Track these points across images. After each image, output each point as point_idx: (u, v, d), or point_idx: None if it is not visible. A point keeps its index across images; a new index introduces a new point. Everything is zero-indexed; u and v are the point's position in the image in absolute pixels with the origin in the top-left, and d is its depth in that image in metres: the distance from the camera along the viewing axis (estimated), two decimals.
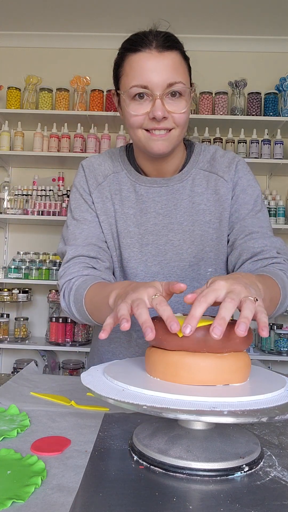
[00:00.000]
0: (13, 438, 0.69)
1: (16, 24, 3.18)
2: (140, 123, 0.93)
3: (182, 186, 1.05)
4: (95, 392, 0.61)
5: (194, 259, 1.03)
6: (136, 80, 0.90)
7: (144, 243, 1.04)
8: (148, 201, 1.05)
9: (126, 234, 1.04)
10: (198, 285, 1.03)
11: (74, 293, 0.95)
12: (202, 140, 3.02)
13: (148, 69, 0.89)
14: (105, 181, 1.07)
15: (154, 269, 1.04)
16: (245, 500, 0.52)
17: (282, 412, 0.55)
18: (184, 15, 2.97)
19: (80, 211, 1.06)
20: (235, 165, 1.05)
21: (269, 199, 2.97)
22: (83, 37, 3.26)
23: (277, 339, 2.88)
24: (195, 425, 0.65)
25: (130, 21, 3.05)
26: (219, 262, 1.05)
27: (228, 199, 1.04)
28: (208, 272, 1.04)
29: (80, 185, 1.09)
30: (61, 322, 2.94)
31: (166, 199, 1.04)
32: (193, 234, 1.03)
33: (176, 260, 1.03)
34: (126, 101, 0.93)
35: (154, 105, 0.90)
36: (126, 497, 0.52)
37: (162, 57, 0.90)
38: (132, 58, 0.92)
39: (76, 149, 3.00)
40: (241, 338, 0.65)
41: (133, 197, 1.05)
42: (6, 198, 3.00)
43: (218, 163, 1.06)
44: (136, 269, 1.04)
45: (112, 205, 1.06)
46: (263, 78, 3.19)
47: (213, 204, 1.04)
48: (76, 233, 1.04)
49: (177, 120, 0.93)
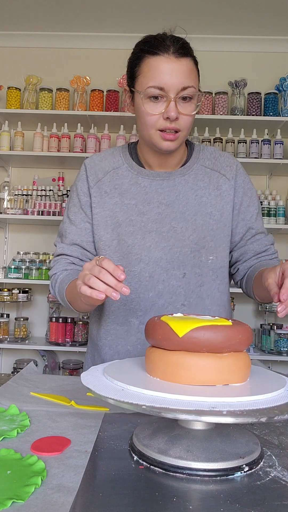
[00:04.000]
0: (13, 438, 0.69)
1: (16, 24, 3.18)
2: (154, 122, 1.00)
3: (184, 180, 1.11)
4: (95, 392, 0.61)
5: (195, 246, 1.08)
6: (153, 81, 0.97)
7: (147, 230, 1.08)
8: (151, 192, 1.10)
9: (128, 223, 1.09)
10: (199, 271, 1.08)
11: (58, 286, 1.09)
12: (202, 140, 3.02)
13: (165, 72, 0.97)
14: (105, 176, 1.13)
15: (157, 255, 1.08)
16: (245, 500, 0.52)
17: (281, 412, 0.55)
18: (185, 15, 2.97)
19: (74, 212, 1.15)
20: (235, 166, 1.15)
21: (269, 199, 2.97)
22: (83, 37, 3.26)
23: (277, 339, 2.88)
24: (195, 425, 0.65)
25: (131, 22, 3.05)
26: (220, 251, 1.10)
27: (230, 195, 1.12)
28: (209, 260, 1.09)
29: (79, 184, 1.16)
30: (61, 322, 2.94)
31: (169, 190, 1.10)
32: (195, 223, 1.09)
33: (179, 246, 1.08)
34: (142, 99, 1.00)
35: (169, 106, 0.97)
36: (126, 497, 0.52)
37: (178, 62, 0.98)
38: (151, 60, 0.99)
39: (76, 149, 3.00)
40: (241, 338, 0.65)
41: (135, 189, 1.11)
42: (6, 198, 3.00)
43: (219, 162, 1.14)
44: (140, 255, 1.08)
45: (111, 199, 1.11)
46: (263, 78, 3.19)
47: (214, 198, 1.11)
48: (67, 231, 1.15)
49: (186, 122, 1.01)
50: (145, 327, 0.72)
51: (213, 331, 0.63)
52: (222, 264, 1.11)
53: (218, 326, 0.64)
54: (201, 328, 0.63)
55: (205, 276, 1.08)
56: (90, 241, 1.14)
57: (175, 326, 0.65)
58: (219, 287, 1.11)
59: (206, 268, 1.08)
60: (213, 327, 0.64)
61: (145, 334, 0.72)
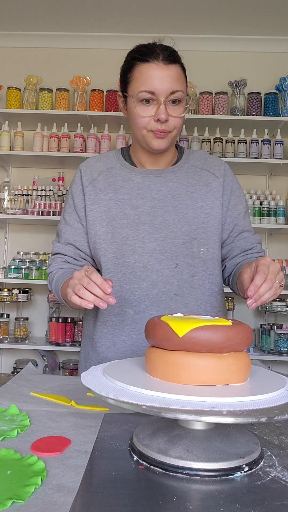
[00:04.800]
0: (13, 438, 0.69)
1: (16, 24, 3.18)
2: (146, 123, 1.08)
3: (176, 177, 1.18)
4: (95, 392, 0.61)
5: (187, 237, 1.13)
6: (145, 85, 1.05)
7: (141, 223, 1.13)
8: (144, 188, 1.16)
9: (122, 216, 1.14)
10: (191, 261, 1.13)
11: (54, 284, 1.15)
12: (202, 140, 3.01)
13: (155, 77, 1.05)
14: (100, 176, 1.19)
15: (150, 246, 1.12)
16: (245, 500, 0.52)
17: (281, 412, 0.55)
18: (185, 15, 2.97)
19: (69, 212, 1.21)
20: (223, 166, 1.22)
21: (269, 199, 2.96)
22: (83, 37, 3.26)
23: (277, 339, 2.88)
24: (195, 425, 0.65)
25: (130, 22, 3.05)
26: (211, 243, 1.15)
27: (219, 192, 1.18)
28: (201, 251, 1.14)
29: (73, 187, 1.22)
30: (61, 322, 2.94)
31: (161, 186, 1.16)
32: (187, 216, 1.14)
33: (171, 237, 1.13)
34: (134, 103, 1.07)
35: (159, 109, 1.05)
36: (126, 497, 0.52)
37: (167, 68, 1.05)
38: (142, 66, 1.07)
39: (76, 149, 3.00)
40: (241, 338, 0.65)
41: (129, 185, 1.17)
42: (6, 198, 3.00)
43: (209, 162, 1.22)
44: (134, 246, 1.12)
45: (105, 195, 1.17)
46: (263, 78, 3.19)
47: (205, 194, 1.17)
48: (62, 231, 1.21)
49: (175, 123, 1.08)
50: (145, 327, 0.72)
51: (213, 331, 0.63)
52: (213, 256, 1.15)
53: (218, 326, 0.64)
54: (201, 328, 0.63)
55: (197, 266, 1.13)
56: (83, 241, 1.19)
57: (175, 326, 0.65)
58: (210, 277, 1.15)
59: (198, 259, 1.13)
60: (213, 327, 0.64)
61: (145, 334, 0.72)
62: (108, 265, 1.13)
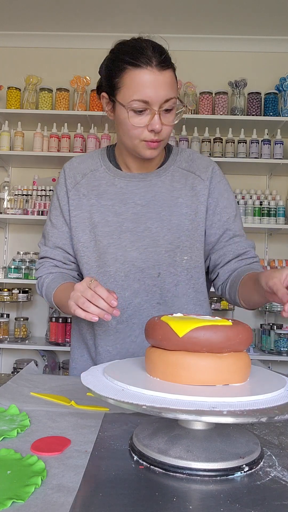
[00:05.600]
0: (13, 438, 0.69)
1: (16, 24, 3.18)
2: (139, 133, 1.01)
3: (161, 181, 1.13)
4: (95, 392, 0.61)
5: (170, 246, 1.10)
6: (137, 94, 0.97)
7: (123, 230, 1.10)
8: (128, 193, 1.12)
9: (105, 223, 1.11)
10: (174, 270, 1.10)
11: (45, 289, 1.15)
12: (202, 140, 3.02)
13: (149, 86, 0.96)
14: (83, 179, 1.15)
15: (132, 254, 1.09)
16: (245, 500, 0.52)
17: (281, 412, 0.55)
18: (184, 15, 2.97)
19: (55, 215, 1.18)
20: (211, 167, 1.15)
21: (269, 199, 2.97)
22: (83, 37, 3.26)
23: (277, 339, 2.88)
24: (195, 425, 0.65)
25: (130, 22, 3.05)
26: (194, 251, 1.12)
27: (204, 195, 1.13)
28: (184, 260, 1.10)
29: (58, 188, 1.18)
30: (61, 322, 2.94)
31: (145, 191, 1.12)
32: (170, 223, 1.10)
33: (153, 246, 1.09)
34: (125, 112, 0.99)
35: (153, 119, 0.98)
36: (126, 497, 0.52)
37: (161, 75, 0.97)
38: (133, 72, 0.97)
39: (76, 149, 3.00)
40: (241, 338, 0.65)
41: (112, 190, 1.12)
42: (6, 198, 3.00)
43: (196, 164, 1.16)
44: (116, 254, 1.10)
45: (88, 200, 1.13)
46: (263, 78, 3.19)
47: (190, 199, 1.12)
48: (49, 234, 1.18)
49: (168, 131, 1.02)
50: (145, 327, 0.72)
51: (213, 331, 0.63)
52: (196, 265, 1.12)
53: (218, 326, 0.64)
54: (201, 328, 0.63)
55: (180, 275, 1.10)
56: (71, 244, 1.16)
57: (175, 326, 0.65)
58: (194, 286, 1.12)
59: (181, 268, 1.10)
60: (213, 327, 0.64)
61: (145, 334, 0.72)
62: (90, 273, 1.12)
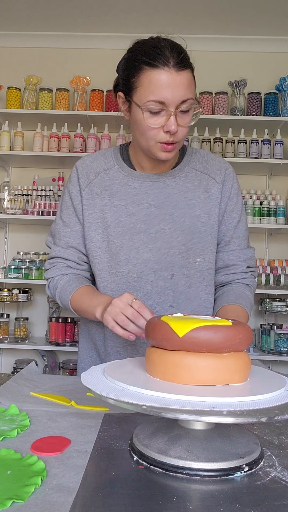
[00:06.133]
0: (13, 438, 0.69)
1: (16, 24, 3.18)
2: (155, 135, 0.99)
3: (174, 182, 1.12)
4: (95, 392, 0.61)
5: (183, 247, 1.09)
6: (154, 95, 0.95)
7: (136, 231, 1.09)
8: (141, 194, 1.11)
9: (117, 224, 1.10)
10: (187, 272, 1.09)
11: (59, 292, 1.12)
12: (202, 140, 3.01)
13: (166, 87, 0.95)
14: (96, 178, 1.14)
15: (145, 256, 1.08)
16: (245, 500, 0.52)
17: (281, 412, 0.55)
18: (184, 15, 2.97)
19: (67, 214, 1.15)
20: (225, 170, 1.15)
21: (269, 199, 2.96)
22: (83, 37, 3.26)
23: (277, 339, 2.88)
24: (195, 425, 0.65)
25: (131, 21, 3.05)
26: (208, 253, 1.11)
27: (218, 198, 1.12)
28: (197, 262, 1.10)
29: (71, 187, 1.16)
30: (61, 322, 2.94)
31: (158, 192, 1.11)
32: (184, 225, 1.09)
33: (166, 247, 1.08)
34: (141, 112, 0.98)
35: (169, 120, 0.96)
36: (126, 497, 0.52)
37: (179, 76, 0.95)
38: (150, 73, 0.96)
39: (76, 149, 3.00)
40: (241, 338, 0.65)
41: (125, 190, 1.11)
42: (6, 198, 3.00)
43: (210, 165, 1.15)
44: (128, 256, 1.09)
45: (101, 200, 1.12)
46: (263, 78, 3.19)
47: (203, 201, 1.11)
48: (61, 233, 1.15)
49: (183, 133, 1.01)
50: (145, 327, 0.72)
51: (213, 331, 0.63)
52: (209, 267, 1.12)
53: (218, 326, 0.64)
54: (201, 328, 0.63)
55: (193, 277, 1.09)
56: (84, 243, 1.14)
57: (175, 326, 0.65)
58: (206, 289, 1.12)
59: (194, 270, 1.09)
60: (213, 327, 0.64)
61: (145, 334, 0.72)
62: (102, 274, 1.11)
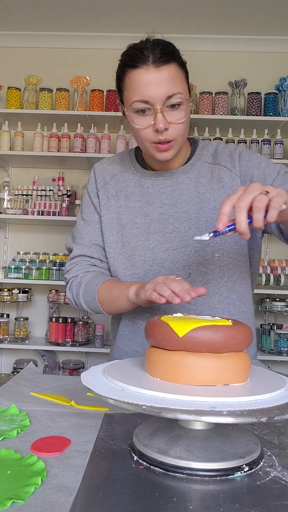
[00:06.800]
0: (13, 438, 0.69)
1: (16, 24, 3.18)
2: (146, 135, 0.99)
3: (187, 177, 1.10)
4: (95, 392, 0.61)
5: (199, 245, 1.06)
6: (137, 95, 0.95)
7: (151, 232, 1.09)
8: (154, 193, 1.10)
9: (133, 225, 1.10)
10: (204, 269, 1.06)
11: (85, 286, 1.08)
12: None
13: (146, 85, 0.94)
14: (112, 180, 1.15)
15: (161, 256, 1.07)
16: (245, 500, 0.52)
17: (281, 412, 0.55)
18: (184, 15, 2.97)
19: (88, 212, 1.16)
20: (237, 154, 1.09)
21: None
22: (83, 37, 3.26)
23: (277, 339, 2.88)
24: (195, 425, 0.65)
25: (131, 21, 3.05)
26: (226, 247, 1.08)
27: (233, 186, 1.07)
28: (215, 257, 1.07)
29: (90, 186, 1.18)
30: (61, 322, 2.94)
31: (171, 189, 1.10)
32: (199, 221, 1.07)
33: (182, 246, 1.07)
34: (130, 114, 0.99)
35: (156, 118, 0.95)
36: (126, 497, 0.52)
37: (159, 71, 0.94)
38: (131, 73, 0.96)
39: (76, 149, 3.00)
40: (241, 338, 0.65)
41: (139, 191, 1.12)
42: (6, 198, 3.00)
43: (220, 155, 1.11)
44: (144, 256, 1.08)
45: (117, 201, 1.13)
46: (263, 78, 3.19)
47: (217, 191, 1.08)
48: (83, 233, 1.15)
49: (177, 130, 0.98)
50: (145, 327, 0.72)
51: (213, 331, 0.63)
52: (229, 261, 1.07)
53: (218, 326, 0.64)
54: (201, 328, 0.63)
55: (211, 273, 1.06)
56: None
57: (175, 326, 0.65)
58: (227, 284, 1.07)
59: (212, 266, 1.06)
60: (213, 327, 0.64)
61: (145, 334, 0.72)
62: (118, 276, 1.10)
